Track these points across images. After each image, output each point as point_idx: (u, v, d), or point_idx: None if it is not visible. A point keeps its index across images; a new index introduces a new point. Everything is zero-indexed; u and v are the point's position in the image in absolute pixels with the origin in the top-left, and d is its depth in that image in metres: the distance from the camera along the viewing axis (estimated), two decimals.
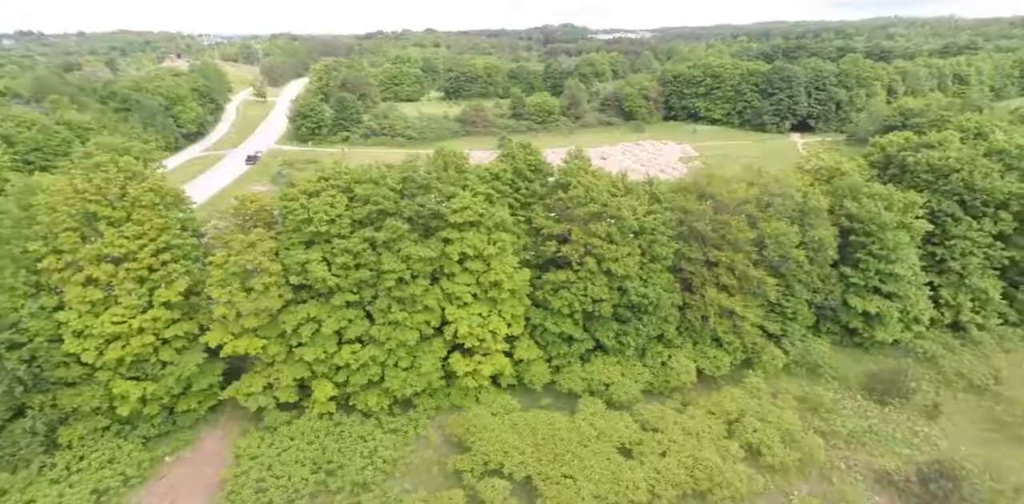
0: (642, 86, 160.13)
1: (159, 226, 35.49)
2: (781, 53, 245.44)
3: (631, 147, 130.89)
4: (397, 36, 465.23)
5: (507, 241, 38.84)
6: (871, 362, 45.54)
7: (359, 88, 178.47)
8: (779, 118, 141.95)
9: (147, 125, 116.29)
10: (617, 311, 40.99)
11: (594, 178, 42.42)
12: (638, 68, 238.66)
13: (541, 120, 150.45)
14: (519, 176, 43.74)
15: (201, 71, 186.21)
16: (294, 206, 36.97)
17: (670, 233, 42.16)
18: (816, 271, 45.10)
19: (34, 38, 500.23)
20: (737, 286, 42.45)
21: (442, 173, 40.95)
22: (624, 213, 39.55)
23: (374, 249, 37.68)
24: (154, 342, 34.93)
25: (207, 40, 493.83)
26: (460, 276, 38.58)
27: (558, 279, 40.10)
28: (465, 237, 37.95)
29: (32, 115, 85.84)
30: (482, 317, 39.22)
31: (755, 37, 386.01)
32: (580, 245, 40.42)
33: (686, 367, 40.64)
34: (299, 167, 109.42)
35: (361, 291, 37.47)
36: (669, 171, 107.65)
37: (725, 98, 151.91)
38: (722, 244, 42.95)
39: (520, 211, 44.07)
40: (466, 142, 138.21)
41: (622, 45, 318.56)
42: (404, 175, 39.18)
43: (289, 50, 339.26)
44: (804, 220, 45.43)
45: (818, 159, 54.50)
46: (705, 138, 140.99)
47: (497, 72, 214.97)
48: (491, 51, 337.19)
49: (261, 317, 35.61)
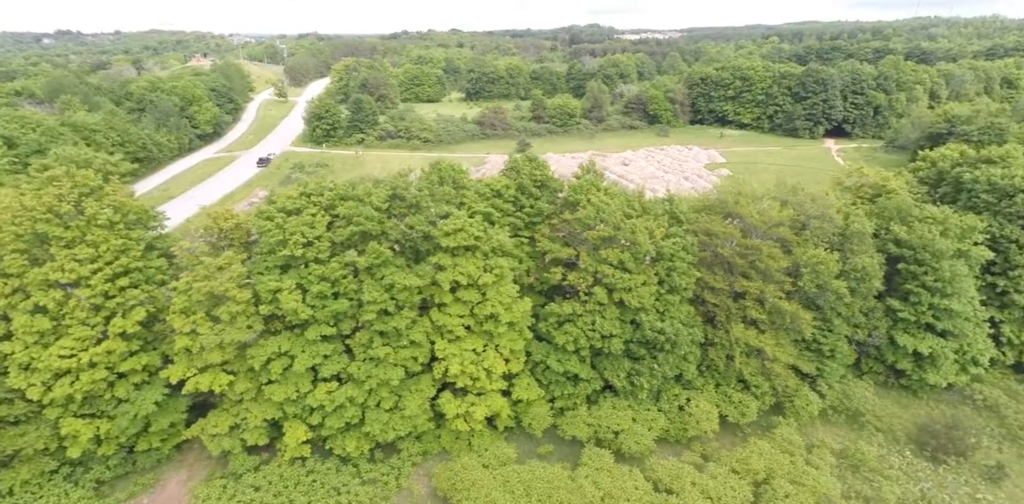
0: (668, 88, 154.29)
1: (117, 248, 31.88)
2: (815, 55, 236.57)
3: (655, 152, 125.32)
4: (422, 36, 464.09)
5: (506, 268, 34.41)
6: (921, 409, 40.10)
7: (379, 89, 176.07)
8: (812, 123, 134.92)
9: (160, 126, 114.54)
10: (629, 348, 36.33)
11: (606, 196, 37.76)
12: (664, 69, 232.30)
13: (562, 123, 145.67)
14: (523, 193, 39.31)
15: (221, 70, 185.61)
16: (268, 226, 33.09)
17: (691, 259, 37.30)
18: (858, 304, 39.77)
19: (72, 37, 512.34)
20: (767, 321, 37.41)
21: (436, 189, 36.75)
22: (639, 237, 34.86)
23: (356, 276, 33.67)
24: (107, 377, 31.35)
25: (237, 40, 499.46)
26: (452, 307, 34.28)
27: (563, 311, 35.56)
28: (458, 263, 33.65)
29: (38, 116, 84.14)
30: (476, 353, 34.89)
31: (787, 38, 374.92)
32: (589, 273, 35.85)
33: (707, 413, 35.75)
34: (309, 170, 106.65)
35: (339, 323, 33.43)
36: (694, 179, 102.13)
37: (755, 102, 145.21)
38: (751, 273, 37.95)
39: (523, 231, 39.65)
40: (484, 145, 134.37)
41: (649, 46, 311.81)
42: (392, 192, 35.05)
43: (313, 50, 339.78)
44: (845, 246, 40.14)
45: (860, 175, 48.90)
46: (733, 143, 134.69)
47: (519, 73, 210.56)
48: (515, 51, 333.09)
49: (227, 351, 31.79)
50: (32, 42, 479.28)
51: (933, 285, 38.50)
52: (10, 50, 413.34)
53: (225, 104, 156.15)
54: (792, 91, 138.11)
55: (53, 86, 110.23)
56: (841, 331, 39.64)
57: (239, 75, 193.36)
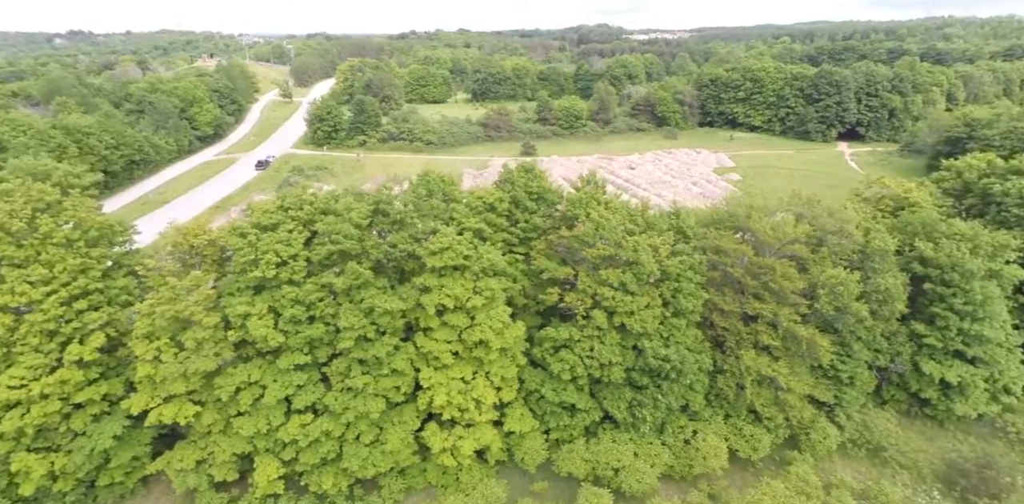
0: (676, 89, 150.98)
1: (75, 268, 29.46)
2: (827, 55, 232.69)
3: (662, 156, 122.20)
4: (429, 36, 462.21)
5: (497, 289, 31.70)
6: (948, 441, 37.00)
7: (383, 89, 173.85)
8: (825, 126, 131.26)
9: (159, 127, 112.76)
10: (631, 376, 33.52)
11: (607, 211, 34.97)
12: (673, 70, 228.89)
13: (568, 125, 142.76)
14: (518, 206, 36.58)
15: (225, 71, 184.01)
16: (240, 244, 30.56)
17: (699, 280, 34.42)
18: (880, 327, 36.77)
19: (84, 37, 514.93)
20: (781, 347, 34.48)
21: (423, 203, 34.11)
22: (642, 256, 32.04)
23: (333, 298, 31.09)
24: (62, 408, 28.92)
25: (246, 40, 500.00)
26: (439, 331, 31.59)
27: (559, 336, 32.80)
28: (445, 284, 30.98)
29: (30, 119, 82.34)
30: (464, 382, 32.19)
31: (798, 38, 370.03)
32: (587, 295, 33.08)
33: (715, 448, 32.87)
34: (308, 173, 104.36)
35: (315, 350, 30.85)
36: (703, 184, 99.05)
37: (766, 104, 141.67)
38: (763, 294, 35.03)
39: (518, 248, 36.92)
40: (488, 147, 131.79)
41: (658, 46, 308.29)
42: (375, 207, 32.42)
43: (320, 50, 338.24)
44: (865, 264, 37.13)
45: (881, 185, 45.78)
46: (743, 146, 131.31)
47: (526, 73, 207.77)
48: (522, 52, 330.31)
49: (192, 381, 29.27)
50: (44, 42, 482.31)
51: (962, 308, 35.43)
52: (22, 50, 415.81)
53: (227, 105, 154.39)
54: (804, 93, 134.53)
55: (50, 87, 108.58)
56: (861, 356, 36.63)
57: (243, 76, 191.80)
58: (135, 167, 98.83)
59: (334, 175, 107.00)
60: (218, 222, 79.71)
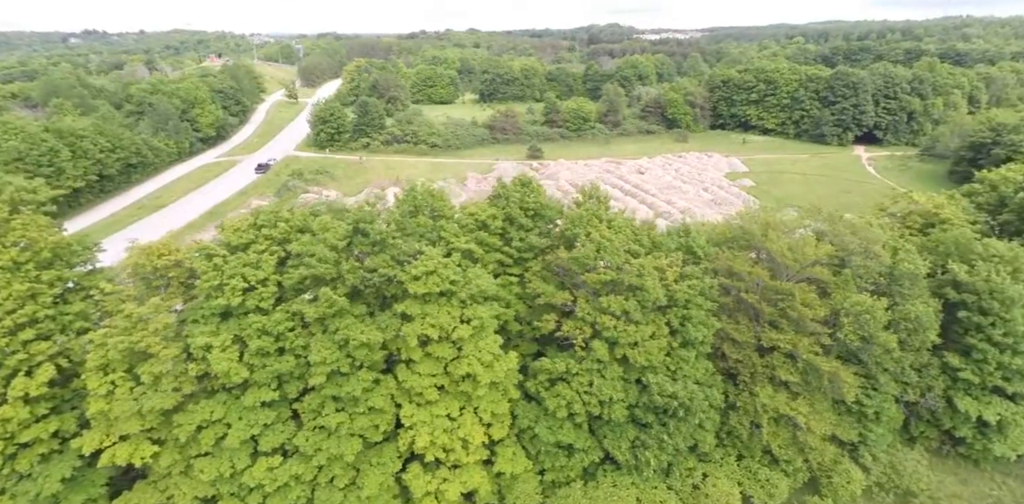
0: (687, 91, 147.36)
1: (21, 294, 26.84)
2: (842, 56, 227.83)
3: (672, 159, 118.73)
4: (439, 36, 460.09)
5: (486, 318, 28.77)
6: (985, 485, 33.65)
7: (389, 90, 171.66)
8: (841, 129, 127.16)
9: (158, 129, 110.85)
10: (635, 413, 30.46)
11: (609, 230, 31.93)
12: (685, 71, 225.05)
13: (576, 127, 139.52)
14: (512, 224, 33.60)
15: (231, 71, 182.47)
16: (205, 267, 27.83)
17: (711, 307, 31.32)
18: (909, 358, 33.47)
19: (98, 37, 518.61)
20: (801, 382, 31.29)
21: (408, 222, 31.23)
22: (647, 282, 28.98)
23: (305, 328, 28.30)
24: (4, 448, 26.33)
25: (257, 39, 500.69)
26: (422, 364, 28.68)
27: (555, 369, 29.80)
28: (429, 313, 28.10)
29: (22, 122, 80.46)
30: (451, 419, 29.28)
31: (812, 38, 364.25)
32: (587, 323, 30.09)
33: (727, 494, 29.79)
34: (308, 177, 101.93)
35: (284, 385, 28.07)
36: (714, 190, 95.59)
37: (780, 106, 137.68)
38: (781, 322, 31.87)
39: (512, 269, 33.95)
40: (494, 150, 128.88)
41: (669, 46, 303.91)
42: (355, 226, 29.57)
43: (329, 50, 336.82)
44: (893, 289, 33.85)
45: (908, 200, 42.36)
46: (756, 150, 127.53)
47: (534, 74, 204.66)
48: (531, 52, 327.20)
49: (148, 419, 26.59)
50: (59, 42, 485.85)
51: (1002, 340, 32.09)
52: (36, 50, 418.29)
53: (232, 106, 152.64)
54: (820, 95, 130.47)
55: (47, 89, 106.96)
56: (888, 390, 33.36)
57: (248, 76, 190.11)
58: (132, 170, 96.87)
59: (335, 179, 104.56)
60: (208, 233, 77.58)
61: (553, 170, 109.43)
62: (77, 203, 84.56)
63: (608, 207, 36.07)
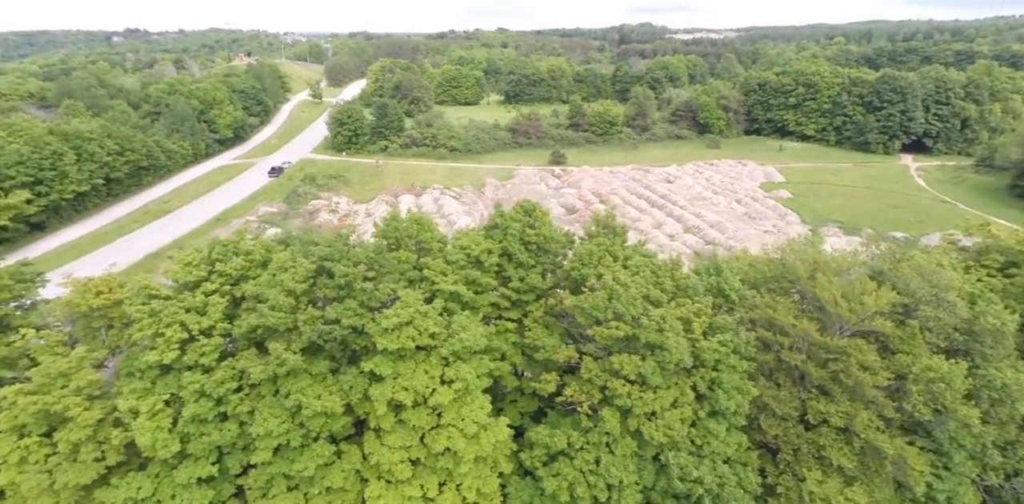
0: (721, 94, 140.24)
1: None
2: (887, 57, 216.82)
3: (703, 167, 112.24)
4: (468, 36, 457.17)
5: (472, 379, 23.85)
6: None
7: (412, 91, 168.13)
8: (887, 137, 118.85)
9: (173, 131, 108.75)
10: (651, 498, 25.18)
11: (625, 272, 26.63)
12: (718, 72, 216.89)
13: (602, 132, 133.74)
14: (511, 260, 28.55)
15: (254, 71, 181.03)
16: (139, 313, 23.47)
17: (746, 368, 25.86)
18: (992, 434, 27.41)
19: (140, 35, 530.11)
20: (858, 466, 25.59)
21: (387, 257, 26.44)
22: (669, 340, 23.68)
23: (253, 388, 23.74)
24: None
25: (290, 38, 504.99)
26: (393, 434, 23.86)
27: (554, 443, 24.68)
28: (402, 373, 23.32)
29: (29, 124, 78.36)
30: (427, 500, 24.44)
31: (854, 38, 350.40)
32: (595, 386, 24.93)
33: None
34: (320, 182, 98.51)
35: (226, 458, 23.55)
36: (748, 202, 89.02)
37: (820, 111, 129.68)
38: (832, 389, 26.21)
39: (509, 312, 28.93)
40: (516, 155, 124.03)
41: (702, 46, 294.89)
42: (320, 265, 24.89)
43: (356, 49, 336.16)
44: (972, 347, 27.88)
45: (984, 233, 36.02)
46: (793, 158, 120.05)
47: (561, 75, 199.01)
48: (560, 52, 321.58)
49: (64, 495, 22.34)
50: (102, 40, 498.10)
51: None
52: (80, 48, 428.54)
53: (253, 106, 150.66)
54: (864, 100, 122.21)
55: (61, 90, 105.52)
56: (964, 471, 27.36)
57: (273, 75, 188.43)
58: (143, 173, 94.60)
59: (348, 184, 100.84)
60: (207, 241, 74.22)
61: (576, 177, 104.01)
62: (83, 207, 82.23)
63: (625, 240, 30.77)
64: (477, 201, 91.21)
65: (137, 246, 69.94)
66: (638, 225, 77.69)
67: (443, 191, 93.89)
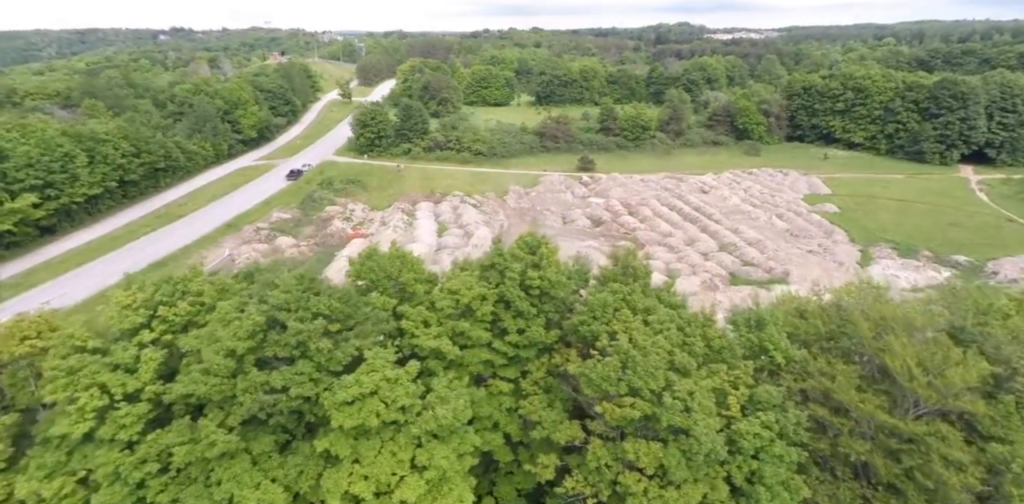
0: (762, 98, 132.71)
1: None
2: (941, 59, 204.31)
3: (741, 176, 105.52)
4: (502, 35, 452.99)
5: (448, 467, 19.25)
6: None
7: (440, 91, 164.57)
8: (945, 146, 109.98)
9: (195, 131, 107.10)
10: None
11: (646, 328, 21.64)
12: (759, 74, 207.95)
13: (634, 136, 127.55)
14: (508, 309, 23.82)
15: (284, 70, 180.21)
16: (55, 371, 19.53)
17: (796, 458, 20.63)
18: None
19: (185, 34, 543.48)
20: None
21: (360, 304, 21.99)
22: (698, 426, 18.68)
23: (180, 473, 19.54)
24: None
25: (327, 37, 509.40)
26: None
27: None
28: (363, 456, 18.86)
29: (44, 124, 76.86)
30: None
31: (904, 39, 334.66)
32: (603, 478, 20.05)
33: None
34: (338, 187, 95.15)
35: None
36: (790, 217, 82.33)
37: (871, 117, 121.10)
38: (905, 486, 20.79)
39: (506, 370, 24.20)
40: (542, 160, 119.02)
41: (742, 47, 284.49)
42: (270, 316, 20.57)
43: (389, 48, 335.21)
44: None
45: None
46: (839, 168, 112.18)
47: (594, 76, 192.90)
48: (594, 51, 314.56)
49: None
50: (149, 38, 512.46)
51: None
52: (128, 46, 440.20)
53: (280, 106, 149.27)
54: (920, 106, 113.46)
55: (83, 89, 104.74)
56: None
57: (302, 75, 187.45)
58: (161, 174, 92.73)
59: (366, 189, 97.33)
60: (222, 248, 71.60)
61: (604, 186, 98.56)
62: (97, 210, 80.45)
63: (648, 283, 25.68)
64: (498, 210, 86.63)
65: (142, 254, 67.38)
66: (669, 241, 72.04)
67: (463, 198, 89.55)
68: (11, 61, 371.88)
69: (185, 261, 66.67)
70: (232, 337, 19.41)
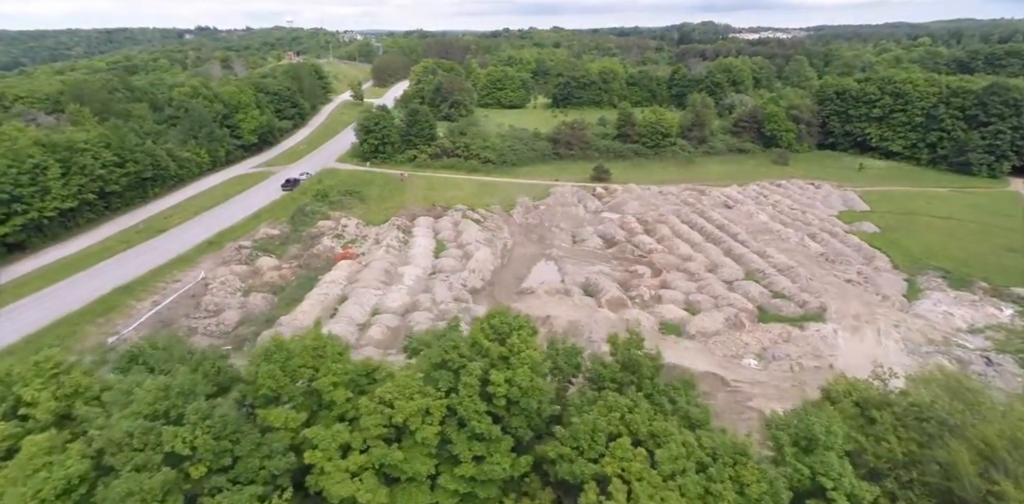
0: (791, 103, 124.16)
1: None
2: (983, 61, 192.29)
3: (769, 189, 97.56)
4: (522, 34, 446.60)
5: None
6: None
7: (453, 94, 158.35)
8: (994, 157, 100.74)
9: (189, 137, 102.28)
10: None
11: (653, 473, 14.82)
12: (787, 76, 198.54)
13: (653, 143, 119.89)
14: (461, 430, 17.12)
15: (293, 71, 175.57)
16: None
17: None
18: None
19: (209, 33, 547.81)
20: None
21: (241, 428, 15.49)
22: None
23: None
24: None
25: (347, 36, 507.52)
26: None
27: None
28: None
29: (19, 132, 72.06)
30: None
31: (941, 39, 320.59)
32: None
33: None
34: (334, 199, 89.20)
35: None
36: (824, 238, 74.41)
37: (911, 124, 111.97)
38: None
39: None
40: (555, 168, 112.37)
41: (769, 47, 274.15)
42: (98, 459, 14.17)
43: (405, 48, 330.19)
44: None
45: None
46: (876, 180, 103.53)
47: (613, 78, 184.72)
48: (615, 52, 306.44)
49: None
50: (175, 38, 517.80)
51: None
52: (154, 45, 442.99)
53: (287, 109, 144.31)
54: (967, 113, 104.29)
55: (73, 94, 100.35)
56: None
57: (312, 76, 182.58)
58: (149, 184, 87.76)
59: (364, 201, 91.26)
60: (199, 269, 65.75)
61: (619, 199, 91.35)
62: (75, 224, 75.55)
63: (658, 384, 18.78)
64: (503, 226, 79.96)
65: (109, 276, 61.84)
66: (689, 266, 64.78)
67: (465, 213, 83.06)
68: (40, 60, 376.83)
69: (155, 284, 61.40)
70: (34, 497, 13.04)
